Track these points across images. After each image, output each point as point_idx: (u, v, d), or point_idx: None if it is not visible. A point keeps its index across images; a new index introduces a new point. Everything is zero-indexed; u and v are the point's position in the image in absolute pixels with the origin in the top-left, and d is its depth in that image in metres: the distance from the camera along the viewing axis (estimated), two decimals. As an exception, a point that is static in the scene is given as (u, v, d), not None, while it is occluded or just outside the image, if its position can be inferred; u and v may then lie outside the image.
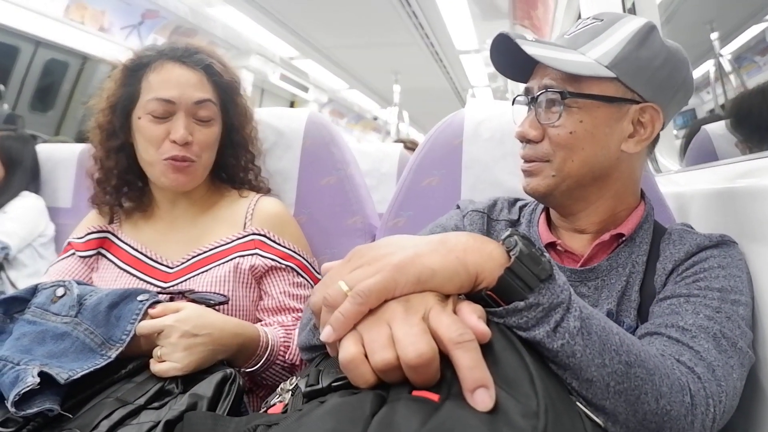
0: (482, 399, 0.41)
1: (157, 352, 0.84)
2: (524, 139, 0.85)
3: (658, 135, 0.84)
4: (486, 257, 0.51)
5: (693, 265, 0.78)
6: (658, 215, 1.02)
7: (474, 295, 0.52)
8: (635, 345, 0.59)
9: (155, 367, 0.82)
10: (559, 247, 0.88)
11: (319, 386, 0.52)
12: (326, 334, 0.48)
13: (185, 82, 1.06)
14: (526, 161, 0.86)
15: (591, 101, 0.78)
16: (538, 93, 0.82)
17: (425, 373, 0.44)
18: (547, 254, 0.53)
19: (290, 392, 0.59)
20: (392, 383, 0.46)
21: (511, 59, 0.83)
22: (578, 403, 0.52)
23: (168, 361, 0.82)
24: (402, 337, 0.44)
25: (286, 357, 1.02)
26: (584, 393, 0.54)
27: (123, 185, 1.15)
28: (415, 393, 0.44)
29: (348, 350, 0.46)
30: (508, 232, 0.54)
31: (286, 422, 0.47)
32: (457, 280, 0.50)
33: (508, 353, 0.47)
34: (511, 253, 0.52)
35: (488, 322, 0.49)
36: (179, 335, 0.83)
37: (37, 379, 0.71)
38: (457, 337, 0.44)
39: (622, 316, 0.81)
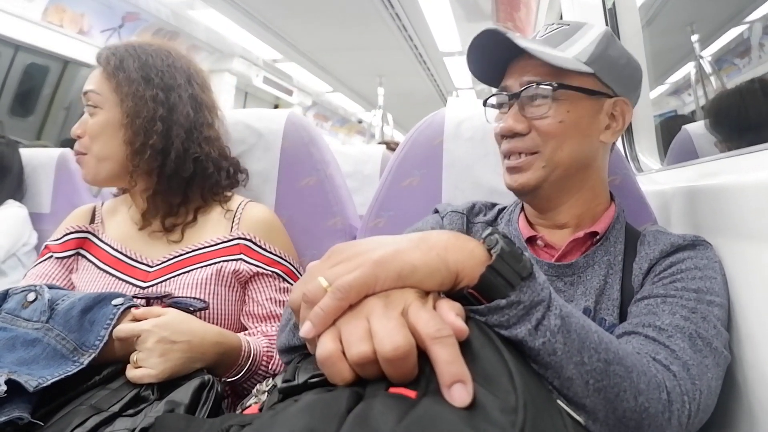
0: (459, 394, 0.41)
1: (133, 357, 0.82)
2: (510, 134, 0.86)
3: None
4: (467, 255, 0.51)
5: (670, 265, 0.80)
6: (640, 213, 1.03)
7: (455, 293, 0.52)
8: (613, 343, 0.59)
9: (130, 372, 0.81)
10: (539, 242, 0.91)
11: (295, 382, 0.51)
12: (306, 330, 0.47)
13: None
14: (512, 156, 0.88)
15: (576, 93, 0.84)
16: (524, 87, 0.85)
17: (402, 367, 0.43)
18: (526, 253, 0.53)
19: (266, 393, 0.59)
20: (369, 379, 0.45)
21: (485, 60, 0.89)
22: (558, 401, 0.52)
23: (143, 367, 0.81)
24: (379, 331, 0.44)
25: (269, 367, 1.00)
26: (565, 392, 0.54)
27: None
28: (391, 390, 0.43)
29: (325, 346, 0.45)
30: (488, 231, 0.54)
31: (259, 420, 0.47)
32: (437, 276, 0.49)
33: (486, 350, 0.47)
34: (493, 251, 0.51)
35: (467, 320, 0.48)
36: (156, 340, 0.82)
37: (4, 387, 0.69)
38: (434, 333, 0.44)
39: (603, 313, 0.82)
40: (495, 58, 0.87)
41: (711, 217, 0.89)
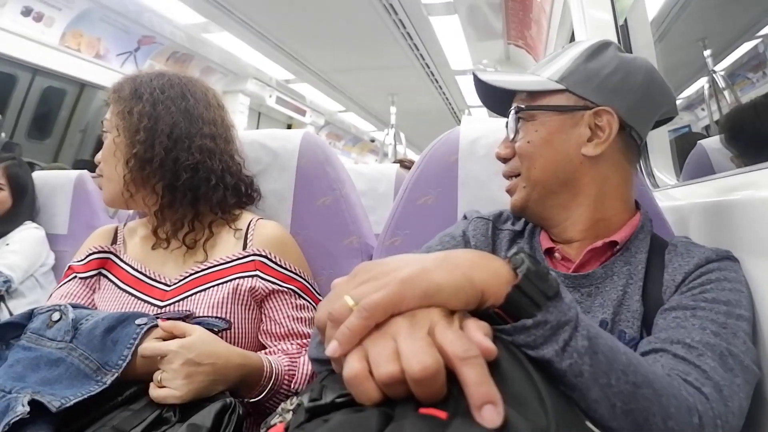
0: (490, 415, 0.40)
1: (157, 376, 0.83)
2: (500, 159, 0.93)
3: (640, 147, 0.90)
4: (492, 274, 0.51)
5: (700, 275, 0.79)
6: (657, 229, 1.01)
7: (481, 312, 0.52)
8: (642, 365, 0.58)
9: (154, 392, 0.81)
10: (556, 254, 0.90)
11: (322, 401, 0.50)
12: (332, 349, 0.47)
13: None
14: (506, 180, 0.94)
15: (542, 112, 0.87)
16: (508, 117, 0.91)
17: (430, 387, 0.43)
18: (552, 273, 0.53)
19: (291, 411, 0.58)
20: (397, 400, 0.45)
21: (494, 94, 0.93)
22: (588, 423, 0.51)
23: (167, 388, 0.81)
24: (406, 351, 0.44)
25: (291, 386, 1.00)
26: (591, 414, 0.53)
27: None
28: (422, 411, 0.43)
29: (352, 366, 0.45)
30: (514, 250, 0.54)
31: None
32: (463, 295, 0.49)
33: (515, 371, 0.47)
34: (519, 271, 0.51)
35: (495, 340, 0.48)
36: (182, 362, 0.82)
37: (27, 408, 0.69)
38: (462, 353, 0.43)
39: (622, 326, 0.80)
40: (504, 91, 0.91)
41: (731, 232, 0.88)
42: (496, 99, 0.95)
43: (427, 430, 0.40)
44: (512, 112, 0.89)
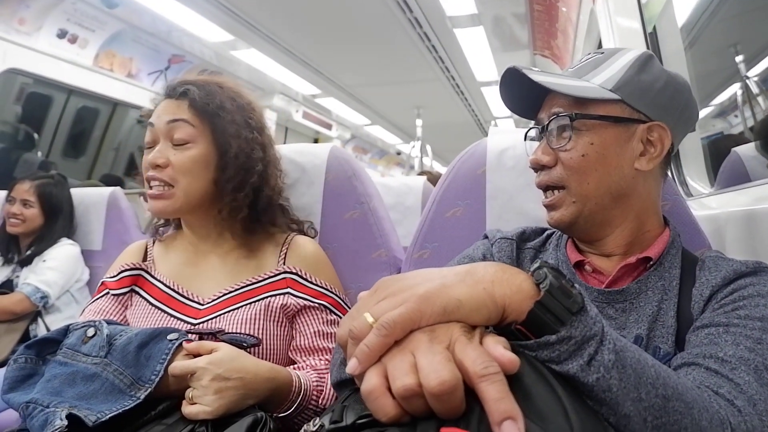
0: (510, 431, 0.40)
1: (188, 393, 0.83)
2: (538, 166, 0.87)
3: (670, 158, 0.87)
4: (515, 289, 0.50)
5: (732, 292, 0.76)
6: (693, 239, 0.99)
7: (503, 327, 0.51)
8: (672, 378, 0.57)
9: (186, 409, 0.82)
10: (587, 267, 0.88)
11: (343, 423, 0.50)
12: (352, 367, 0.47)
13: (164, 110, 1.09)
14: (547, 191, 0.88)
15: (599, 122, 0.81)
16: (549, 120, 0.85)
17: (449, 402, 0.43)
18: (577, 286, 0.52)
19: (314, 432, 0.58)
20: (417, 416, 0.44)
21: (519, 94, 0.88)
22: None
23: (198, 404, 0.82)
24: (425, 365, 0.44)
25: (319, 401, 1.00)
26: (622, 429, 0.52)
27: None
28: (443, 430, 0.43)
29: (370, 381, 0.45)
30: (537, 264, 0.53)
31: None
32: (484, 311, 0.49)
33: (539, 387, 0.46)
34: (541, 286, 0.51)
35: (518, 355, 0.47)
36: (211, 378, 0.83)
37: (65, 422, 0.71)
38: (481, 370, 0.43)
39: (657, 341, 0.79)
40: (530, 91, 0.86)
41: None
42: (522, 100, 0.90)
43: None
44: (558, 118, 0.83)
